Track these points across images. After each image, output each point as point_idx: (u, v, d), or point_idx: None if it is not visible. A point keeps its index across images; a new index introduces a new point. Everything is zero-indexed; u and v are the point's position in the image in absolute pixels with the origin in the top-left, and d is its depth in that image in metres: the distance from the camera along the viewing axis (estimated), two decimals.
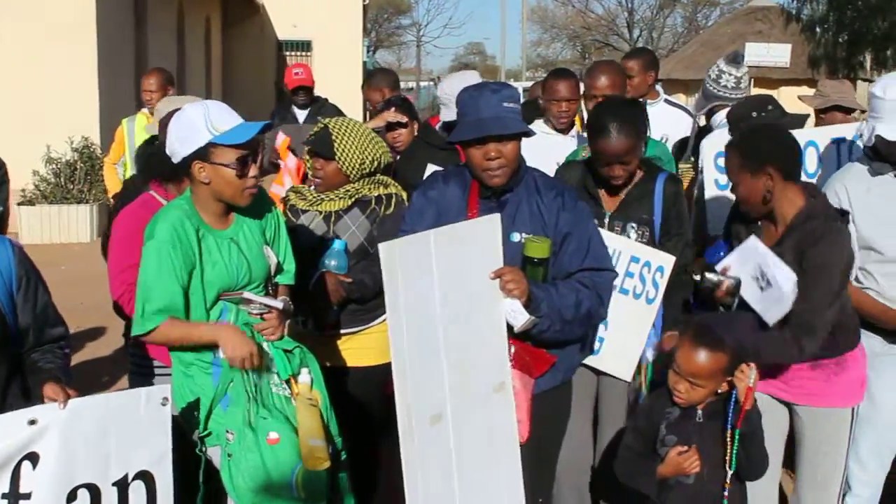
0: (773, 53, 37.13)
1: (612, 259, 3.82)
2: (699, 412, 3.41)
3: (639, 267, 4.07)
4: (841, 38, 25.30)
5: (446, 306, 3.19)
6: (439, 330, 3.18)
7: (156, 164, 4.12)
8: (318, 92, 8.34)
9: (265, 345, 3.51)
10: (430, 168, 4.76)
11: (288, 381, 3.53)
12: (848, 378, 3.75)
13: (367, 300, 4.26)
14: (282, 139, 5.75)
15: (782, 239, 3.56)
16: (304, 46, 26.79)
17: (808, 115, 6.35)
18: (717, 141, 4.99)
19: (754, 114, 5.00)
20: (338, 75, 21.90)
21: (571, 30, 57.97)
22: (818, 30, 26.17)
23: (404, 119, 5.66)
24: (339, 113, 7.04)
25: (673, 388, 3.38)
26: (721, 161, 4.68)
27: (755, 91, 7.87)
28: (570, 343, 3.69)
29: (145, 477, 3.13)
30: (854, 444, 3.92)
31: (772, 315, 3.52)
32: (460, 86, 3.99)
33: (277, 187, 5.49)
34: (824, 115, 6.09)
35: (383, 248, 3.01)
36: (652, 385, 4.08)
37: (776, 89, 30.67)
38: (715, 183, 5.12)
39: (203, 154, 3.37)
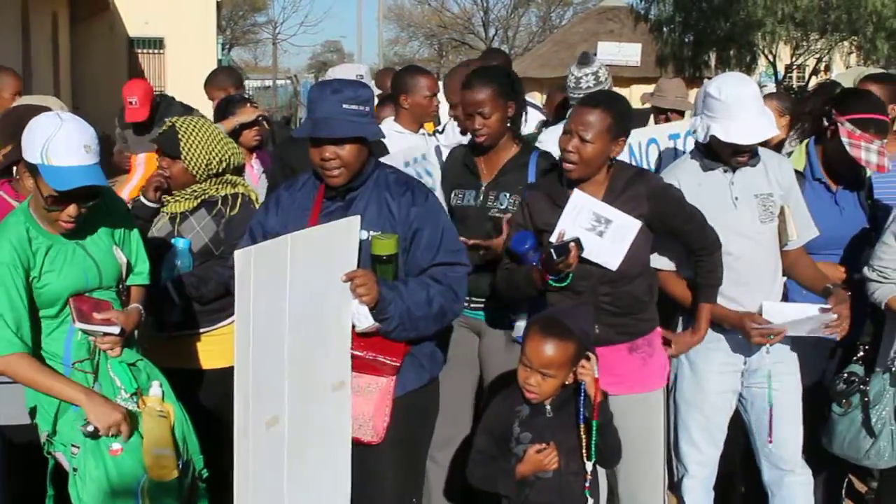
0: (624, 53, 38.05)
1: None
2: (548, 406, 3.42)
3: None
4: (687, 39, 26.09)
5: (294, 309, 3.20)
6: (285, 333, 3.19)
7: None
8: (172, 90, 8.12)
9: (109, 361, 3.47)
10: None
11: (135, 394, 3.47)
12: (657, 362, 3.95)
13: (208, 301, 4.24)
14: (142, 158, 5.68)
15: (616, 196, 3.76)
16: (157, 44, 26.21)
17: (650, 112, 6.62)
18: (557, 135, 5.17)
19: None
20: (191, 73, 21.35)
21: (428, 28, 58.20)
22: (665, 30, 26.94)
23: (265, 113, 5.69)
24: (188, 111, 6.91)
25: (524, 383, 3.37)
26: None
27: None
28: (425, 339, 3.67)
29: None
30: (685, 428, 4.12)
31: (616, 252, 3.66)
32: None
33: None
34: (662, 115, 6.38)
35: (238, 256, 2.99)
36: None
37: (627, 87, 31.48)
38: None
39: (33, 169, 3.29)
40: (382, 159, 3.88)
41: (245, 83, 7.14)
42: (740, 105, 3.89)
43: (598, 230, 3.67)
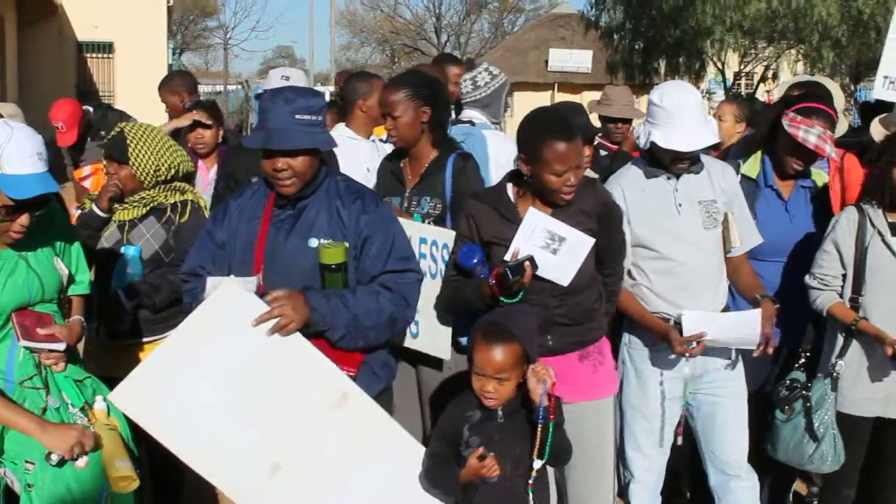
0: (576, 59, 38.44)
1: (417, 261, 3.79)
2: (499, 412, 3.43)
3: (428, 247, 4.17)
4: (637, 46, 26.32)
5: (234, 377, 3.31)
6: (233, 403, 3.31)
7: None
8: (122, 94, 8.05)
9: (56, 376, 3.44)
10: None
11: (83, 409, 3.44)
12: (607, 369, 3.99)
13: (160, 308, 4.23)
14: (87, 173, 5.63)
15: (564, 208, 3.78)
16: (106, 48, 25.94)
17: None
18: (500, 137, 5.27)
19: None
20: (142, 78, 21.26)
21: (380, 34, 58.19)
22: (615, 37, 27.15)
23: (208, 121, 5.65)
24: (126, 118, 6.85)
25: (481, 392, 3.38)
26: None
27: (560, 97, 8.14)
28: (379, 347, 3.67)
29: None
30: (631, 434, 4.16)
31: (569, 268, 3.68)
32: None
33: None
34: (612, 123, 6.43)
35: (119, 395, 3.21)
36: None
37: (579, 94, 31.74)
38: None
39: None
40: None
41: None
42: (681, 113, 3.95)
43: (552, 248, 3.68)
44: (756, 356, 4.02)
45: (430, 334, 4.20)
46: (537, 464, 3.37)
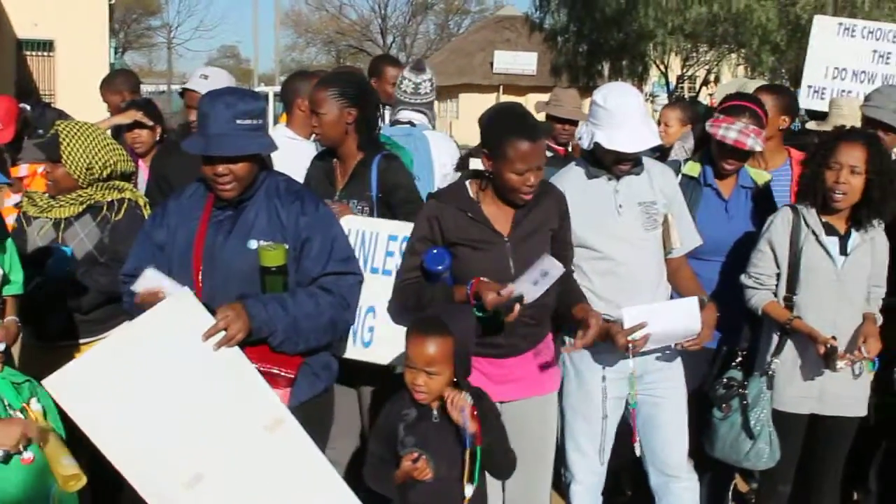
0: (521, 61, 38.64)
1: (357, 263, 3.80)
2: (435, 412, 3.44)
3: (398, 244, 4.13)
4: (581, 48, 26.53)
5: (169, 384, 3.29)
6: (164, 409, 3.27)
7: None
8: (62, 93, 7.93)
9: None
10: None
11: (23, 410, 3.38)
12: (553, 363, 4.04)
13: (88, 310, 4.19)
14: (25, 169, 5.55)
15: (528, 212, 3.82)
16: (46, 46, 25.50)
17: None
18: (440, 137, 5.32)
19: None
20: (83, 77, 20.94)
21: (326, 35, 58.03)
22: (559, 39, 27.32)
23: (149, 122, 5.60)
24: (65, 117, 6.77)
25: (412, 384, 3.38)
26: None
27: (505, 99, 8.16)
28: (320, 349, 3.67)
29: None
30: (572, 435, 4.17)
31: (539, 292, 3.64)
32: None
33: (12, 199, 5.30)
34: (560, 124, 6.47)
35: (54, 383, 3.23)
36: None
37: (524, 96, 31.87)
38: None
39: None
40: None
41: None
42: (624, 114, 3.97)
43: (536, 280, 3.64)
44: (690, 346, 4.01)
45: (388, 342, 4.08)
46: (468, 490, 3.39)
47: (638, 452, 4.13)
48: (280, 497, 3.37)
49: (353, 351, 4.14)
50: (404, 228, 4.11)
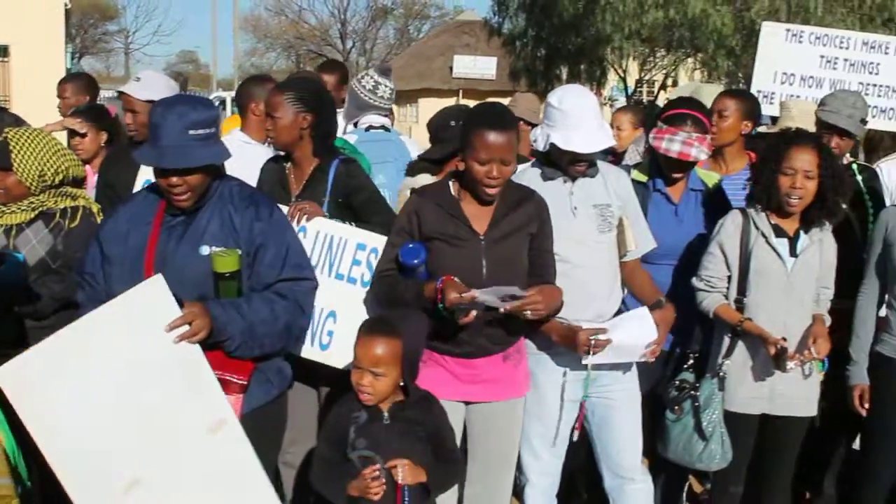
0: (480, 66, 38.75)
1: (312, 268, 3.81)
2: (385, 414, 3.46)
3: (366, 254, 4.13)
4: (539, 53, 26.59)
5: (120, 381, 3.25)
6: (111, 403, 3.25)
7: None
8: (17, 99, 7.85)
9: None
10: None
11: None
12: (524, 367, 4.07)
13: (43, 317, 4.14)
14: None
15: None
16: (1, 51, 25.27)
17: None
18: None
19: (453, 122, 5.20)
20: (39, 82, 20.76)
21: (285, 39, 57.83)
22: (518, 44, 27.37)
23: (82, 129, 5.57)
24: (19, 122, 6.72)
25: (357, 385, 3.40)
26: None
27: (464, 103, 8.14)
28: (275, 355, 3.67)
29: None
30: (526, 438, 4.17)
31: (501, 307, 3.67)
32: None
33: None
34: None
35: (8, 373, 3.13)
36: None
37: (483, 101, 31.95)
38: None
39: None
40: None
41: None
42: (580, 115, 4.00)
43: (504, 297, 3.63)
44: (652, 354, 4.04)
45: (346, 348, 4.03)
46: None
47: (574, 437, 4.18)
48: (211, 500, 3.36)
49: (310, 352, 4.13)
50: (375, 239, 4.13)
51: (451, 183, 3.94)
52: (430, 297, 3.70)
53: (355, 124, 5.64)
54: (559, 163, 4.11)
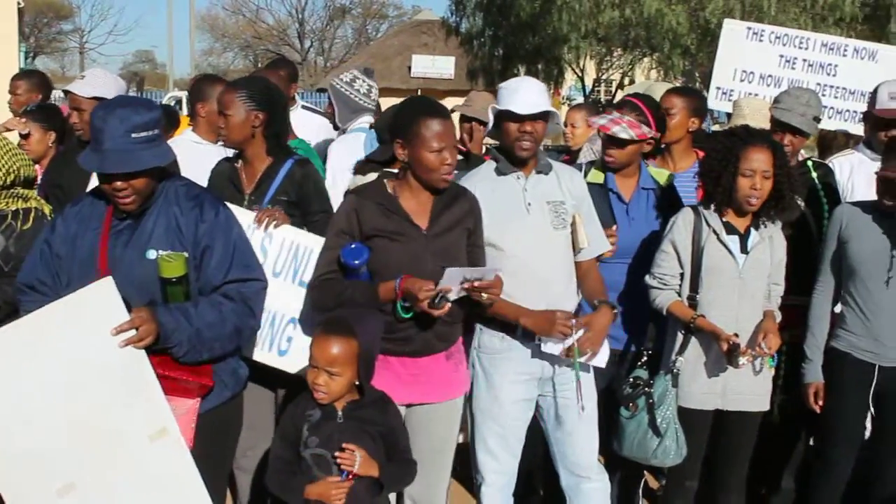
0: (438, 65, 38.75)
1: (261, 267, 3.75)
2: (339, 412, 3.47)
3: (307, 255, 4.12)
4: (497, 52, 26.64)
5: (62, 378, 3.22)
6: (54, 403, 3.21)
7: None
8: None
9: None
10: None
11: None
12: (464, 368, 4.09)
13: None
14: None
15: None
16: None
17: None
18: (354, 145, 5.32)
19: None
20: None
21: (243, 39, 57.53)
22: (475, 43, 27.40)
23: (24, 130, 5.52)
24: None
25: (313, 384, 3.40)
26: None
27: None
28: (227, 356, 3.64)
29: None
30: (482, 437, 4.18)
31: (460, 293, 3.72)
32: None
33: None
34: (468, 123, 6.49)
35: None
36: None
37: (442, 100, 31.96)
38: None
39: None
40: None
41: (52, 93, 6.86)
42: (523, 86, 4.14)
43: (463, 281, 3.68)
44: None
45: (302, 355, 3.98)
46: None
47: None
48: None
49: (267, 357, 4.12)
50: None
51: (385, 181, 3.95)
52: (386, 298, 3.70)
53: (344, 130, 5.65)
54: (505, 144, 4.13)
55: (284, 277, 4.11)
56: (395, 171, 3.99)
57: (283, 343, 4.12)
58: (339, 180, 5.06)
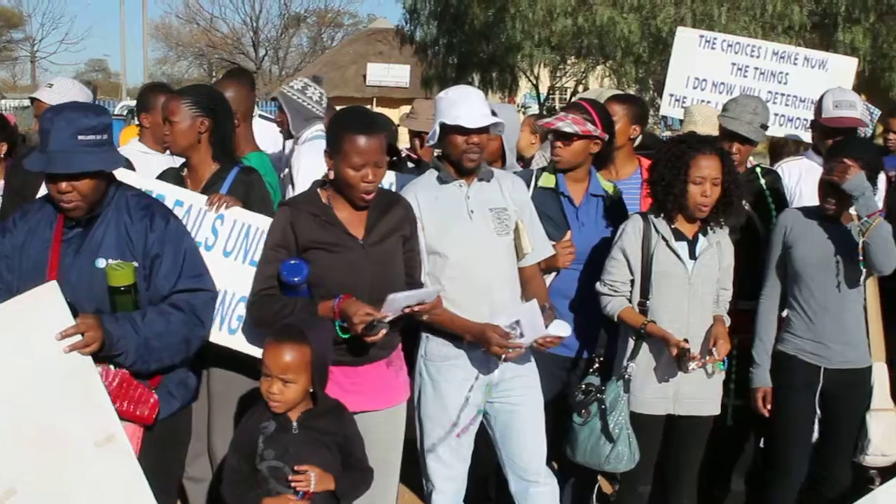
0: (394, 74, 38.73)
1: (211, 278, 3.73)
2: (294, 423, 3.45)
3: (258, 235, 4.11)
4: (451, 60, 26.65)
5: (2, 386, 3.19)
6: None
7: None
8: None
9: None
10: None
11: None
12: (404, 374, 4.11)
13: None
14: None
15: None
16: None
17: None
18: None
19: None
20: None
21: (197, 48, 57.10)
22: (430, 52, 27.40)
23: None
24: None
25: (267, 393, 3.38)
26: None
27: (378, 110, 8.16)
28: (177, 367, 3.63)
29: None
30: (430, 444, 4.18)
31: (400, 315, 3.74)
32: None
33: None
34: (417, 137, 6.50)
35: None
36: None
37: (397, 108, 31.93)
38: None
39: None
40: None
41: (1, 102, 6.80)
42: (463, 97, 4.12)
43: (403, 307, 3.70)
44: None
45: (251, 333, 4.08)
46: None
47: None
48: None
49: (217, 336, 4.08)
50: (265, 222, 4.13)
51: (319, 191, 3.93)
52: (325, 316, 3.69)
53: (297, 138, 5.64)
54: (452, 156, 4.13)
55: (235, 257, 4.11)
56: (327, 181, 3.94)
57: (233, 322, 4.11)
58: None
